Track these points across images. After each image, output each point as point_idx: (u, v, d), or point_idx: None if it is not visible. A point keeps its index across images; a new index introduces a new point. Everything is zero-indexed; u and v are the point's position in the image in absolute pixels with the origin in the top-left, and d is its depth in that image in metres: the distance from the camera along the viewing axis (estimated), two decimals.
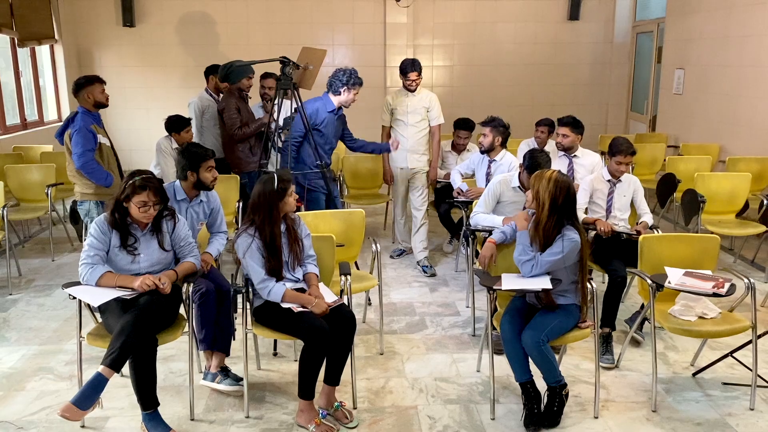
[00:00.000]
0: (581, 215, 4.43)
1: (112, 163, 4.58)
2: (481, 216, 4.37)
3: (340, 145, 7.82)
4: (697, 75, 7.84)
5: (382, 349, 4.03)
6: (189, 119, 5.26)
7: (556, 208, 3.23)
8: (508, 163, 5.07)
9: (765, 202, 5.33)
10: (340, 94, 4.97)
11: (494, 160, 5.15)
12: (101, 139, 4.47)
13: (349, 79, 4.95)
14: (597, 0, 9.68)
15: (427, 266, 5.54)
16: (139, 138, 9.41)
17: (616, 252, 4.23)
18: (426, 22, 9.67)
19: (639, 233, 4.16)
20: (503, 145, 5.16)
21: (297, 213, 3.63)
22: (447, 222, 5.83)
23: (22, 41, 7.80)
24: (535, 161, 4.17)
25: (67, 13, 9.00)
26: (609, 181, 4.46)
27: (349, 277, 3.46)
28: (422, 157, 5.65)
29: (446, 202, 5.59)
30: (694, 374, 3.73)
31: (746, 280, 3.46)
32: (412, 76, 5.44)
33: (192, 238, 3.45)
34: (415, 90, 5.51)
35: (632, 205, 4.56)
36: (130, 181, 3.16)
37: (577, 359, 3.89)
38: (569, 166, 5.21)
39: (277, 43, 9.54)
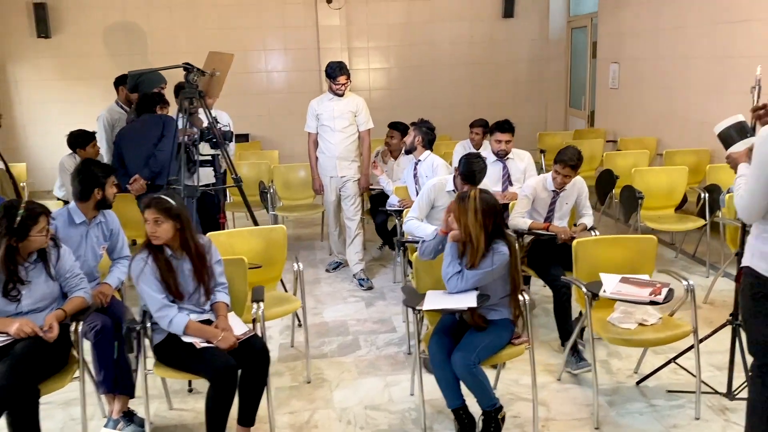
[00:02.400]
0: (526, 221, 4.22)
1: (7, 187, 4.16)
2: (413, 223, 4.12)
3: (273, 155, 7.54)
4: (631, 69, 7.80)
5: (310, 377, 3.72)
6: (93, 133, 4.86)
7: (488, 234, 3.00)
8: (431, 164, 4.85)
9: (702, 195, 5.24)
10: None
11: (419, 160, 4.92)
12: None
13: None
14: None
15: (363, 279, 5.26)
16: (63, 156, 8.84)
17: (553, 256, 4.04)
18: (360, 24, 9.41)
19: (573, 237, 3.99)
20: (427, 146, 4.94)
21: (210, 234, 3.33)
22: (383, 232, 5.57)
23: None
24: (470, 168, 3.93)
25: None
26: (553, 191, 4.25)
27: (261, 303, 3.14)
28: (352, 165, 5.37)
29: (381, 210, 5.33)
30: (638, 383, 3.55)
31: (685, 283, 3.29)
32: (342, 80, 5.16)
33: (79, 269, 3.07)
34: (343, 94, 5.22)
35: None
36: (18, 219, 2.78)
37: (516, 374, 3.67)
38: (504, 170, 5.02)
39: (205, 51, 9.05)
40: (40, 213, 2.86)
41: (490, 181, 4.99)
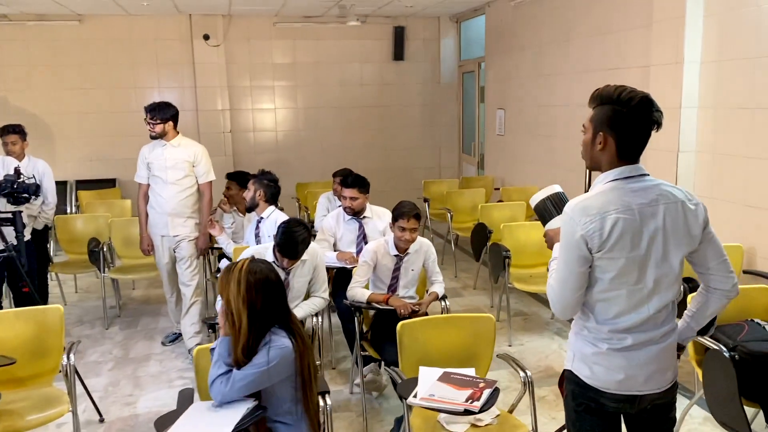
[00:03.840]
0: (365, 293, 3.67)
1: None
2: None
3: (125, 205, 6.77)
4: (516, 115, 7.54)
5: None
6: None
7: (257, 314, 2.30)
8: (274, 221, 4.25)
9: None
10: None
11: (261, 217, 4.33)
12: None
13: None
14: (421, 40, 9.32)
15: None
16: None
17: (390, 331, 3.49)
18: (241, 63, 8.83)
19: (417, 311, 3.47)
20: (270, 200, 4.36)
21: None
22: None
23: None
24: (289, 238, 3.35)
25: None
26: (396, 255, 3.73)
27: None
28: (188, 222, 4.70)
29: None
30: None
31: (523, 374, 2.79)
32: (149, 118, 4.52)
33: None
34: (157, 137, 4.57)
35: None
36: None
37: None
38: (360, 230, 4.48)
39: (66, 88, 8.31)
40: None
41: (345, 243, 4.46)
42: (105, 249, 5.29)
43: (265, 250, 3.49)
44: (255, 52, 8.87)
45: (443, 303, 3.79)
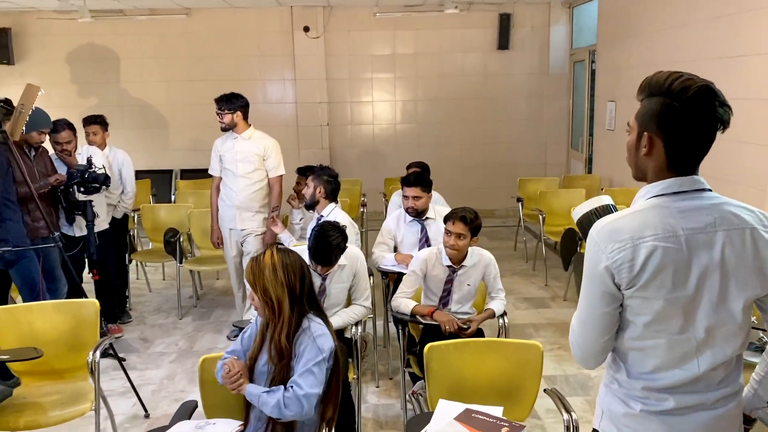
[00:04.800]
0: (409, 304, 3.36)
1: None
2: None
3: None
4: (627, 108, 6.80)
5: None
6: None
7: (296, 297, 2.22)
8: (333, 220, 4.01)
9: None
10: None
11: (321, 215, 4.11)
12: None
13: None
14: (529, 27, 8.73)
15: None
16: None
17: None
18: (340, 55, 8.72)
19: (466, 328, 3.11)
20: (330, 197, 4.12)
21: None
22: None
23: None
24: (323, 243, 3.10)
25: None
26: (449, 267, 3.38)
27: None
28: (256, 217, 4.62)
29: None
30: None
31: (567, 416, 2.36)
32: (216, 110, 4.45)
33: None
34: (226, 128, 4.49)
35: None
36: None
37: None
38: (422, 232, 4.15)
39: (175, 80, 8.63)
40: None
41: (406, 246, 4.15)
42: (182, 240, 5.34)
43: (302, 252, 3.27)
44: (354, 44, 8.72)
45: (501, 321, 3.39)
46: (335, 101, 8.80)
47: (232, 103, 4.49)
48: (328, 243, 3.06)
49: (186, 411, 2.38)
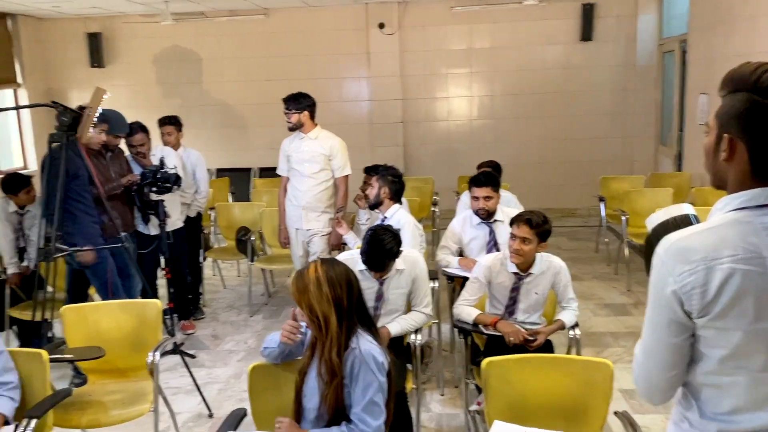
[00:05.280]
0: (471, 312, 3.21)
1: None
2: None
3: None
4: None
5: None
6: (29, 178, 4.46)
7: (344, 312, 2.11)
8: (397, 222, 3.90)
9: None
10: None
11: (385, 217, 4.00)
12: None
13: None
14: (614, 17, 8.27)
15: None
16: None
17: None
18: (415, 51, 8.59)
19: (532, 340, 2.92)
20: (395, 198, 4.00)
21: None
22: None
23: None
24: (375, 247, 2.99)
25: (34, 55, 8.61)
26: (515, 274, 3.20)
27: (31, 422, 2.40)
28: (322, 216, 4.58)
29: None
30: None
31: None
32: (285, 110, 4.43)
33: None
34: (293, 128, 4.47)
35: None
36: None
37: None
38: (490, 235, 3.97)
39: (253, 80, 8.78)
40: None
41: (473, 250, 3.98)
42: (254, 238, 5.38)
43: (356, 257, 3.17)
44: (429, 40, 8.56)
45: (572, 333, 3.17)
46: (410, 98, 8.68)
47: (300, 102, 4.47)
48: (380, 248, 2.95)
49: (234, 420, 2.34)
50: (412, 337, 3.16)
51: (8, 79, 8.23)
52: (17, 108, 3.76)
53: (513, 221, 3.12)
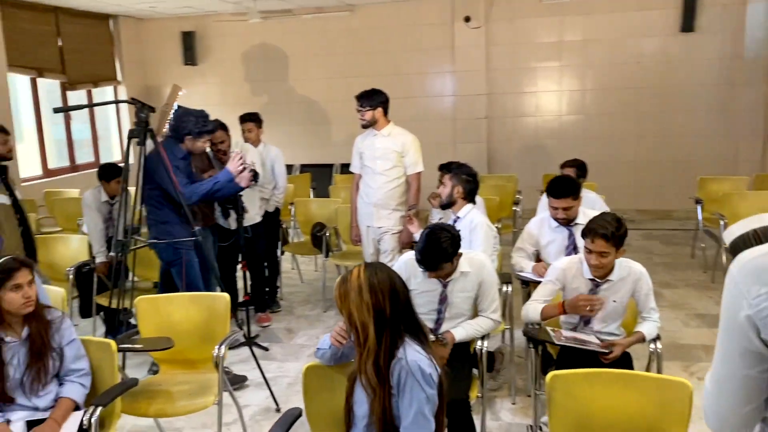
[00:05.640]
0: (537, 308, 3.04)
1: (6, 224, 4.06)
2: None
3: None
4: None
5: None
6: (120, 168, 4.66)
7: (385, 322, 2.02)
8: (469, 223, 3.77)
9: None
10: (183, 143, 3.94)
11: (458, 217, 3.87)
12: None
13: (195, 127, 3.88)
14: (720, 6, 7.70)
15: None
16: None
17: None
18: (502, 44, 8.35)
19: (607, 353, 2.74)
20: (468, 197, 3.87)
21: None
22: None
23: (71, 84, 7.89)
24: (431, 246, 2.88)
25: (132, 54, 9.07)
26: (591, 280, 3.01)
27: (96, 410, 2.47)
28: (393, 214, 4.52)
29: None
30: None
31: None
32: (357, 107, 4.39)
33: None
34: (367, 125, 4.42)
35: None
36: None
37: None
38: (570, 238, 3.76)
39: (337, 76, 8.83)
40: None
41: (551, 253, 3.78)
42: (329, 234, 5.40)
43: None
44: (517, 33, 8.30)
45: (653, 346, 2.94)
46: (495, 93, 8.46)
47: (373, 99, 4.42)
48: (436, 247, 2.83)
49: (288, 420, 2.31)
50: (479, 343, 3.03)
51: (109, 76, 8.71)
52: (101, 104, 3.95)
53: (585, 233, 2.91)
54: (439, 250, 2.82)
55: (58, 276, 4.55)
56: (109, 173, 4.61)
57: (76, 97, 8.17)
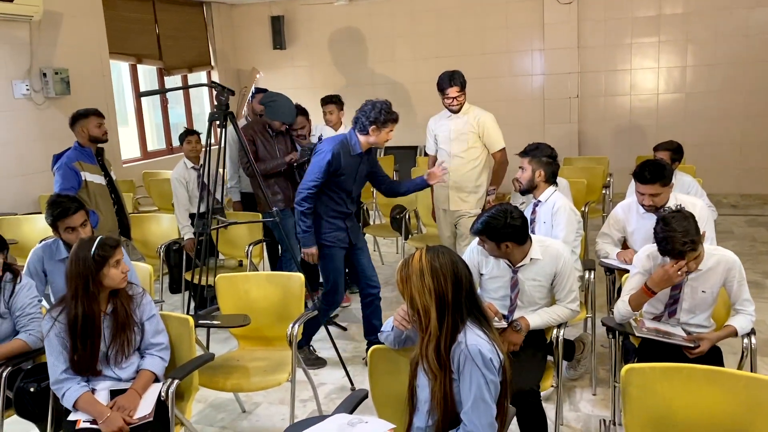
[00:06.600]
0: (625, 300, 2.89)
1: (102, 202, 4.31)
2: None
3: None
4: None
5: None
6: (194, 131, 4.89)
7: (447, 307, 2.00)
8: (551, 206, 3.62)
9: None
10: (368, 134, 3.81)
11: (539, 201, 3.72)
12: (88, 176, 4.23)
13: (378, 116, 3.78)
14: None
15: None
16: None
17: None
18: (595, 20, 7.97)
19: (693, 347, 2.58)
20: (550, 180, 3.71)
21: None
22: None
23: (168, 70, 8.25)
24: (498, 220, 2.80)
25: (224, 39, 9.35)
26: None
27: (174, 382, 2.57)
28: (470, 197, 4.43)
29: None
30: None
31: None
32: (452, 92, 4.30)
33: (37, 307, 2.91)
34: (458, 110, 4.32)
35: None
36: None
37: None
38: None
39: (422, 57, 8.75)
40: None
41: (638, 241, 3.58)
42: (408, 216, 5.38)
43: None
44: (612, 7, 7.89)
45: (746, 341, 2.72)
46: (587, 71, 8.11)
47: (464, 81, 4.34)
48: (498, 222, 2.74)
49: (353, 401, 2.32)
50: (555, 331, 2.93)
51: (204, 62, 9.03)
52: (178, 89, 4.14)
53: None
54: (498, 225, 2.74)
55: (150, 253, 4.80)
56: (183, 135, 4.84)
57: (173, 81, 8.53)
